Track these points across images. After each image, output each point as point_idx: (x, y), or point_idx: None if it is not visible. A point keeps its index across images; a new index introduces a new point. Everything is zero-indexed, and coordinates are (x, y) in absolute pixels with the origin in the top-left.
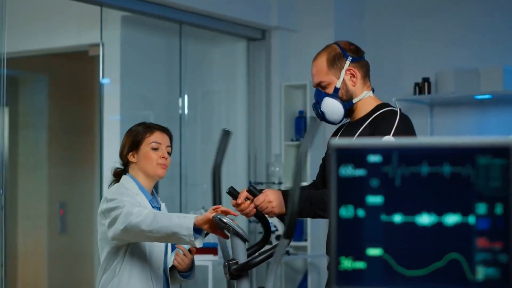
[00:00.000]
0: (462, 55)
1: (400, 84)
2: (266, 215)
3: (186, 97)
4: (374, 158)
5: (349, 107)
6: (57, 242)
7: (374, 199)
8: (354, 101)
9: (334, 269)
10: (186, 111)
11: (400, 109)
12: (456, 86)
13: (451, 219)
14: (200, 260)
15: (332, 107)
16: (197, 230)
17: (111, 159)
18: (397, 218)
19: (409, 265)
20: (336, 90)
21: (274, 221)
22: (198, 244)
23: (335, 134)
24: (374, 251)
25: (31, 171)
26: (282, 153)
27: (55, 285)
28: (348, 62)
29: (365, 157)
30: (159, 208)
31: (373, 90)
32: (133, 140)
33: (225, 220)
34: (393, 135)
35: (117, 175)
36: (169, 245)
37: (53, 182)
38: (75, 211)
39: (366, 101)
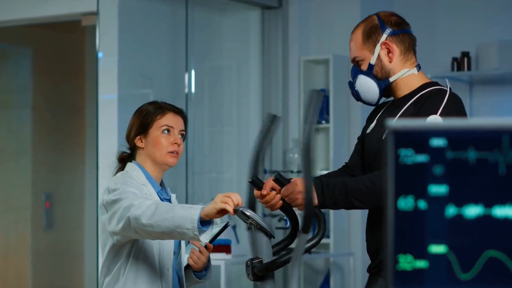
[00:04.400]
0: (507, 26)
1: (436, 59)
2: (295, 208)
3: (193, 73)
4: (438, 142)
5: (385, 86)
6: (43, 238)
7: (438, 189)
8: (391, 79)
9: (391, 269)
10: (192, 89)
11: (450, 88)
12: (500, 61)
13: None
14: (212, 259)
15: (366, 86)
16: (206, 222)
17: (106, 143)
18: (465, 210)
19: None
20: (371, 67)
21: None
22: (204, 238)
23: (374, 113)
24: (437, 248)
25: (13, 157)
26: (301, 138)
27: (41, 287)
28: (384, 36)
29: (428, 141)
30: (169, 201)
31: (419, 66)
32: (141, 122)
33: (248, 213)
34: (440, 115)
35: (123, 160)
36: (183, 243)
37: (38, 170)
38: (63, 203)
39: (409, 79)
